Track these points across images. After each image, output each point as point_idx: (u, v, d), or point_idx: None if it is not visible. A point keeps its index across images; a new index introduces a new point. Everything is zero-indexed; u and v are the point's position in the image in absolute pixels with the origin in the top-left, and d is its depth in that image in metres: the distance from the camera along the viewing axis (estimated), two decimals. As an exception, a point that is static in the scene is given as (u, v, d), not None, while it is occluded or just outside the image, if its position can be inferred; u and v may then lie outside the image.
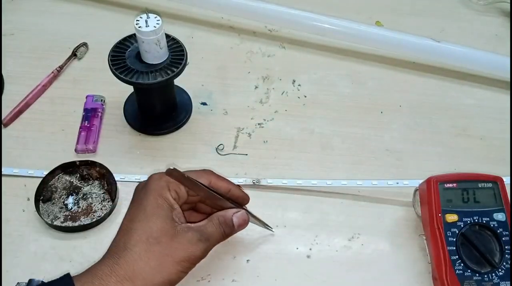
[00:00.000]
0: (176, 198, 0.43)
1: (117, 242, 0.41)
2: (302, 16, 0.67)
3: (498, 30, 0.75)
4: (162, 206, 0.41)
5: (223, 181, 0.46)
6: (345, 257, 0.50)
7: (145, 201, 0.42)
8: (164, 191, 0.42)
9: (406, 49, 0.66)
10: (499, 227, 0.46)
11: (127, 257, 0.39)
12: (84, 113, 0.60)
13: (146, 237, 0.40)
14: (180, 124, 0.60)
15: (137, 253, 0.39)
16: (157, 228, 0.40)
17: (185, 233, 0.41)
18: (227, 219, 0.44)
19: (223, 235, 0.44)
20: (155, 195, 0.42)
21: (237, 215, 0.45)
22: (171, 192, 0.42)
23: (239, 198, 0.47)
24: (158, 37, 0.51)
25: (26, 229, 0.51)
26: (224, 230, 0.44)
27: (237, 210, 0.45)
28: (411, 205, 0.52)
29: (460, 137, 0.61)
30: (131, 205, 0.43)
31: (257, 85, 0.65)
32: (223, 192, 0.45)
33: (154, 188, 0.42)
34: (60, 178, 0.54)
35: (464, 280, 0.44)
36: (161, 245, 0.40)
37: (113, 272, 0.38)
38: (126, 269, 0.38)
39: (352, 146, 0.59)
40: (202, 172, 0.46)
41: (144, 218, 0.41)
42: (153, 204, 0.41)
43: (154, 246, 0.40)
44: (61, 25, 0.72)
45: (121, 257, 0.39)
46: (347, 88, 0.66)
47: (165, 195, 0.42)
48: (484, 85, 0.67)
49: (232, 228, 0.44)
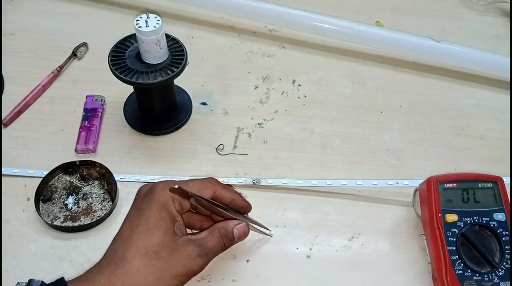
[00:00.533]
0: (179, 210, 0.43)
1: (116, 251, 0.40)
2: (302, 16, 0.67)
3: (498, 30, 0.75)
4: (165, 219, 0.41)
5: (227, 190, 0.46)
6: (345, 257, 0.50)
7: (147, 212, 0.41)
8: (168, 203, 0.42)
9: (406, 49, 0.66)
10: (499, 227, 0.46)
11: (125, 268, 0.39)
12: (84, 113, 0.60)
13: (146, 250, 0.40)
14: (180, 124, 0.60)
15: (135, 266, 0.39)
16: (157, 241, 0.40)
17: (185, 248, 0.41)
18: (228, 232, 0.44)
19: (222, 247, 0.44)
20: (158, 207, 0.41)
21: (238, 227, 0.45)
22: (175, 204, 0.42)
23: (241, 208, 0.47)
24: (158, 37, 0.51)
25: (26, 229, 0.51)
26: (225, 242, 0.44)
27: (238, 222, 0.45)
28: (411, 205, 0.52)
29: (460, 137, 0.61)
30: (133, 212, 0.43)
31: (257, 85, 0.65)
32: (227, 202, 0.45)
33: (158, 200, 0.42)
34: (60, 178, 0.54)
35: (464, 280, 0.44)
36: (160, 260, 0.40)
37: (110, 283, 0.38)
38: (124, 282, 0.38)
39: (352, 146, 0.59)
40: (207, 182, 0.45)
41: (146, 230, 0.40)
42: (156, 216, 0.41)
43: (153, 260, 0.39)
44: (61, 25, 0.72)
45: (118, 268, 0.39)
46: (347, 88, 0.66)
47: (169, 208, 0.42)
48: (484, 85, 0.67)
49: (232, 240, 0.44)
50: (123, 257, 0.39)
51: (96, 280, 0.38)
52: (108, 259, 0.40)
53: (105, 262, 0.40)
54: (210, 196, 0.44)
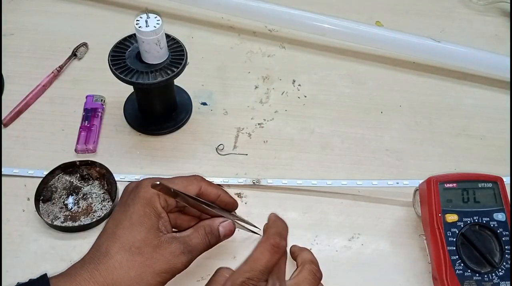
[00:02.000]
0: (165, 206, 0.42)
1: (100, 246, 0.40)
2: (302, 16, 0.67)
3: (498, 30, 0.75)
4: (149, 215, 0.41)
5: (213, 187, 0.46)
6: (345, 257, 0.50)
7: (132, 208, 0.41)
8: (153, 199, 0.42)
9: (406, 49, 0.66)
10: (499, 227, 0.46)
11: (108, 264, 0.39)
12: (84, 113, 0.60)
13: (129, 246, 0.39)
14: (180, 124, 0.60)
15: (118, 261, 0.39)
16: (141, 237, 0.40)
17: (169, 245, 0.41)
18: (213, 229, 0.44)
19: (207, 245, 0.43)
20: (143, 203, 0.41)
21: (223, 225, 0.44)
22: (160, 200, 0.42)
23: (228, 205, 0.47)
24: (158, 37, 0.51)
25: (26, 229, 0.51)
26: (210, 240, 0.43)
27: (223, 219, 0.45)
28: (411, 205, 0.52)
29: (460, 137, 0.61)
30: (118, 208, 0.43)
31: (257, 85, 0.65)
32: (213, 199, 0.45)
33: (143, 196, 0.42)
34: (60, 178, 0.54)
35: (464, 280, 0.44)
36: (143, 256, 0.39)
37: (92, 278, 0.38)
38: (106, 277, 0.38)
39: (352, 146, 0.59)
40: (192, 179, 0.45)
41: (129, 225, 0.40)
42: (140, 212, 0.41)
43: (136, 256, 0.39)
44: (61, 25, 0.72)
45: (101, 263, 0.39)
46: (347, 88, 0.66)
47: (154, 203, 0.42)
48: (484, 85, 0.67)
49: (218, 237, 0.44)
50: (106, 252, 0.39)
51: (78, 276, 0.38)
52: (92, 254, 0.40)
53: (89, 258, 0.40)
54: (195, 193, 0.44)
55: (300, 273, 0.43)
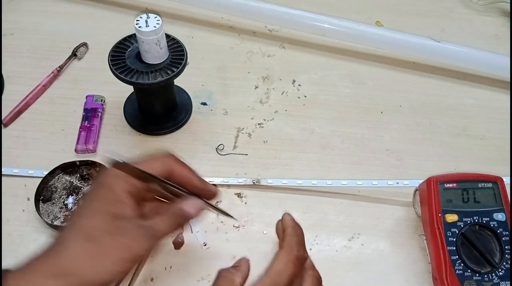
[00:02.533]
0: (132, 191, 0.39)
1: (59, 236, 0.38)
2: (302, 16, 0.67)
3: (498, 30, 0.75)
4: (107, 201, 0.38)
5: (184, 168, 0.41)
6: (345, 257, 0.50)
7: (92, 195, 0.39)
8: (113, 183, 0.38)
9: (406, 49, 0.66)
10: (499, 227, 0.46)
11: (62, 254, 0.36)
12: (84, 113, 0.60)
13: (84, 234, 0.37)
14: (180, 124, 0.60)
15: (74, 250, 0.36)
16: (98, 225, 0.37)
17: (130, 231, 0.38)
18: (178, 209, 0.40)
19: (173, 226, 0.39)
20: (105, 189, 0.38)
21: (190, 204, 0.40)
22: (121, 184, 0.38)
23: (202, 191, 0.41)
24: (158, 37, 0.51)
25: (26, 229, 0.51)
26: (178, 221, 0.40)
27: (191, 198, 0.40)
28: (411, 205, 0.52)
29: (460, 137, 0.61)
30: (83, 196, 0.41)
31: (257, 85, 0.65)
32: (184, 182, 0.41)
33: (102, 180, 0.39)
34: (60, 178, 0.54)
35: (464, 280, 0.44)
36: (100, 244, 0.37)
37: (44, 267, 0.36)
38: (59, 267, 0.36)
39: (352, 146, 0.59)
40: (161, 159, 0.41)
41: (86, 213, 0.38)
42: (101, 198, 0.38)
43: (91, 244, 0.37)
44: (61, 25, 0.72)
45: (57, 252, 0.37)
46: (347, 88, 0.66)
47: (113, 188, 0.38)
48: (484, 85, 0.67)
49: (185, 217, 0.40)
50: (62, 242, 0.37)
51: (36, 265, 0.36)
52: (50, 245, 0.38)
53: (47, 248, 0.38)
54: (164, 173, 0.40)
55: (305, 282, 0.41)
